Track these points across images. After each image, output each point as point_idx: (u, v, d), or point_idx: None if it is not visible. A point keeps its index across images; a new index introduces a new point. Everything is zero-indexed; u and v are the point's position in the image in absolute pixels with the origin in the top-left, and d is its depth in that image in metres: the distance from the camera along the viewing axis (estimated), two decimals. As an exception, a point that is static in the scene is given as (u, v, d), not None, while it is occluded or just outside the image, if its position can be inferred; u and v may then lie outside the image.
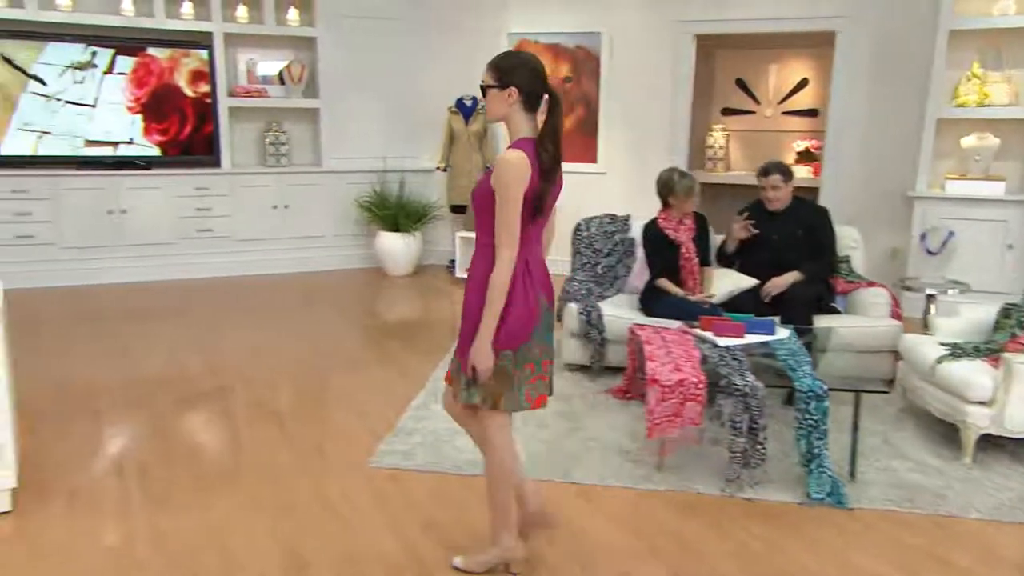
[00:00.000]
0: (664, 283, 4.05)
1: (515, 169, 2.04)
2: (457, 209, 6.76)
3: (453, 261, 6.90)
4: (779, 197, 4.11)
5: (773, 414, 3.47)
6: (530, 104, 2.14)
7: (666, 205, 4.10)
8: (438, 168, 6.79)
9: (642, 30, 6.29)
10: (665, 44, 6.26)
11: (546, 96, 2.15)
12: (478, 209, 2.15)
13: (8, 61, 5.70)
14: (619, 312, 4.12)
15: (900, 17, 5.67)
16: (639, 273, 4.41)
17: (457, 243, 6.53)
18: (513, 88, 2.12)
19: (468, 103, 6.62)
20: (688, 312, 3.83)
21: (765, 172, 4.11)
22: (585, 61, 6.46)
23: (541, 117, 2.16)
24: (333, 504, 2.81)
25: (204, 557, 2.48)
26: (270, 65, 6.68)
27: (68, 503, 2.80)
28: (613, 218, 4.64)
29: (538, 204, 2.12)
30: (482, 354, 2.12)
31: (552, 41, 6.52)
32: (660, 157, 6.42)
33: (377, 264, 6.87)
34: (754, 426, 2.88)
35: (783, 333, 3.43)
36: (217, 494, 2.88)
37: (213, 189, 6.33)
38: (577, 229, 4.63)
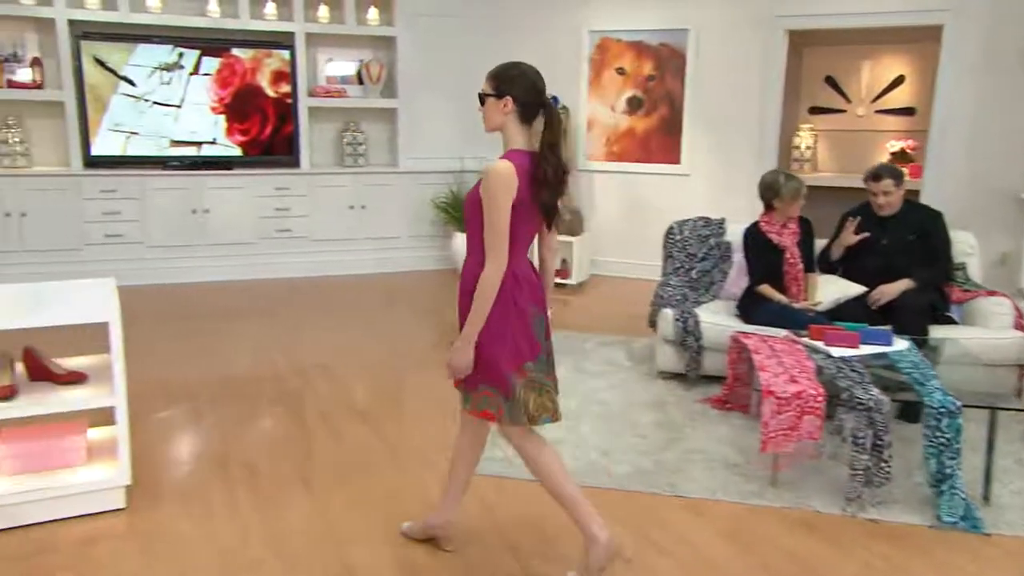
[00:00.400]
0: (766, 289, 3.98)
1: (502, 179, 2.10)
2: None
3: None
4: (890, 202, 3.99)
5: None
6: (526, 116, 2.22)
7: (770, 208, 4.02)
8: None
9: (731, 26, 6.20)
10: (755, 40, 6.15)
11: (543, 109, 2.22)
12: (467, 217, 2.23)
13: (100, 63, 5.93)
14: (716, 319, 4.06)
15: (1011, 7, 5.45)
16: (736, 279, 4.34)
17: (533, 245, 6.51)
18: (509, 98, 2.19)
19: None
20: (792, 320, 3.75)
21: (875, 177, 4.00)
22: (669, 59, 6.40)
23: (538, 129, 2.21)
24: (439, 510, 2.84)
25: (320, 557, 2.53)
26: (348, 65, 6.80)
27: (180, 501, 2.90)
28: (707, 221, 4.58)
29: (533, 215, 2.19)
30: (460, 354, 2.19)
31: (635, 39, 6.48)
32: (747, 158, 6.32)
33: (452, 265, 6.93)
34: (878, 443, 2.79)
35: (902, 344, 3.33)
36: (326, 493, 2.94)
37: (292, 189, 6.47)
38: (669, 232, 4.58)
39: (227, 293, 6.06)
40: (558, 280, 6.43)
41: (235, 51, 6.30)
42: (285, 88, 6.48)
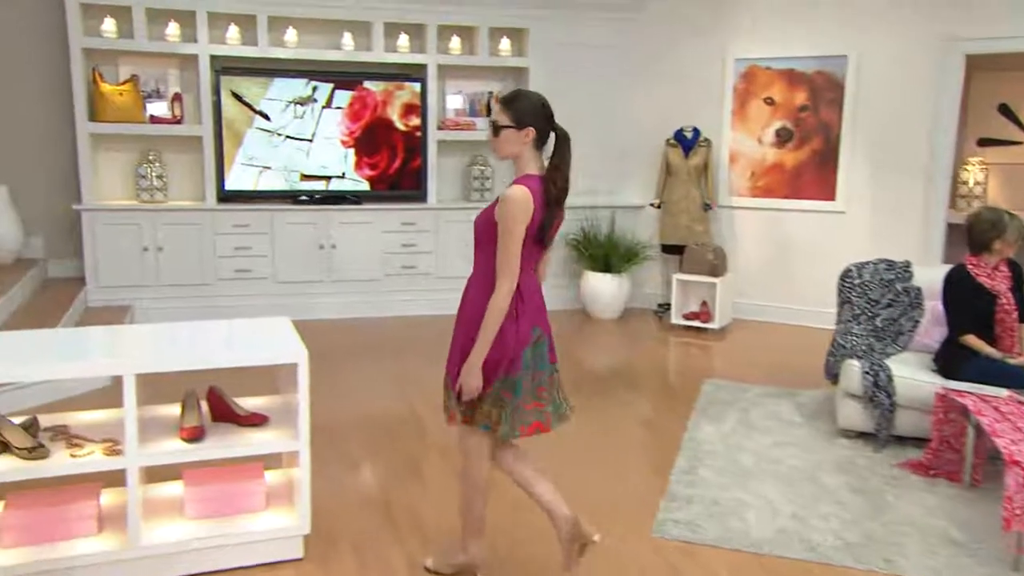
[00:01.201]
0: (974, 341, 3.73)
1: (519, 205, 2.32)
2: (671, 249, 6.67)
3: (663, 305, 6.82)
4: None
5: None
6: (540, 142, 2.45)
7: (984, 250, 3.78)
8: (651, 204, 6.75)
9: (898, 51, 6.00)
10: (925, 66, 5.93)
11: (554, 134, 2.44)
12: (477, 236, 2.44)
13: (238, 97, 6.22)
14: (911, 373, 3.85)
15: None
16: (930, 328, 4.11)
17: (674, 286, 6.42)
18: (531, 128, 2.41)
19: (688, 135, 6.56)
20: (1009, 377, 3.50)
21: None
22: (824, 88, 6.24)
23: (547, 153, 2.44)
24: (633, 578, 2.74)
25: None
26: (477, 96, 6.92)
27: (354, 553, 2.89)
28: (890, 264, 4.38)
29: (541, 235, 2.40)
30: (471, 375, 2.38)
31: (786, 67, 6.37)
32: (913, 195, 6.07)
33: (580, 305, 6.90)
34: None
35: None
36: (494, 542, 2.88)
37: (419, 224, 6.57)
38: (846, 275, 4.40)
39: (353, 330, 6.16)
40: (698, 324, 6.32)
41: (367, 84, 6.50)
42: (414, 121, 6.63)
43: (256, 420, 2.85)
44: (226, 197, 6.29)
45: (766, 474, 3.61)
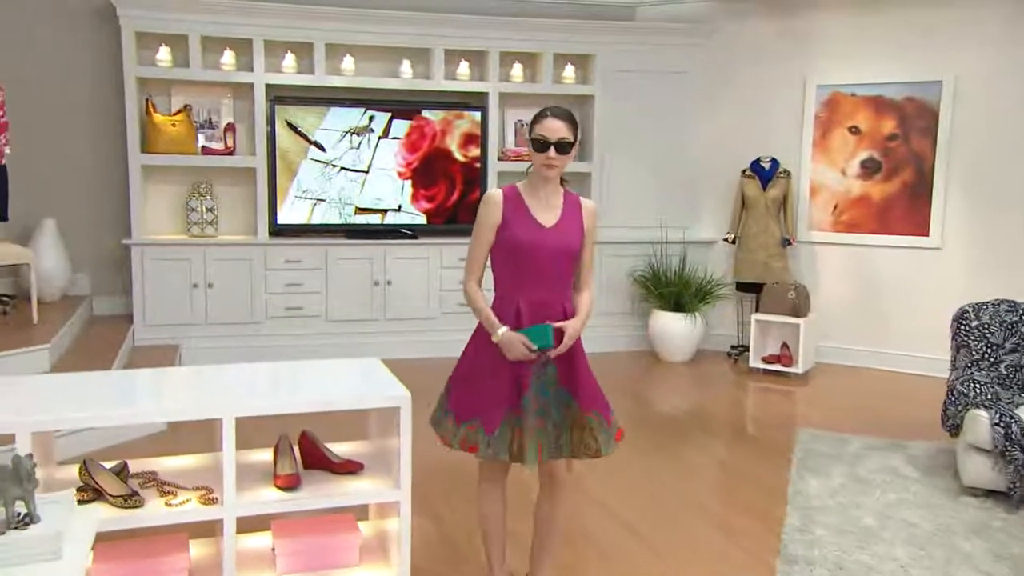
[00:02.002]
0: (1119, 389, 3.58)
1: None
2: (747, 287, 6.58)
3: (737, 347, 6.70)
4: None
5: None
6: None
7: None
8: (726, 239, 6.68)
9: (1001, 75, 5.89)
10: (1031, 90, 5.83)
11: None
12: (567, 250, 2.65)
13: (293, 128, 6.28)
14: (1047, 424, 3.69)
15: None
16: (1062, 375, 3.96)
17: (752, 327, 6.30)
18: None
19: (766, 166, 6.50)
20: None
21: None
22: (916, 116, 6.17)
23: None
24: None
25: None
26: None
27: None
28: (1012, 305, 4.24)
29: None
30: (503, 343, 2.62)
31: (873, 93, 6.31)
32: (1017, 229, 5.92)
33: (648, 347, 6.82)
34: None
35: None
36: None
37: None
38: (962, 317, 4.27)
39: (409, 371, 6.05)
40: (779, 367, 6.20)
41: (425, 113, 6.54)
42: (474, 151, 6.64)
43: (351, 467, 2.79)
44: (278, 231, 6.32)
45: (894, 536, 3.46)
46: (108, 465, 2.57)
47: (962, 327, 4.26)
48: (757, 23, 6.68)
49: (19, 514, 1.68)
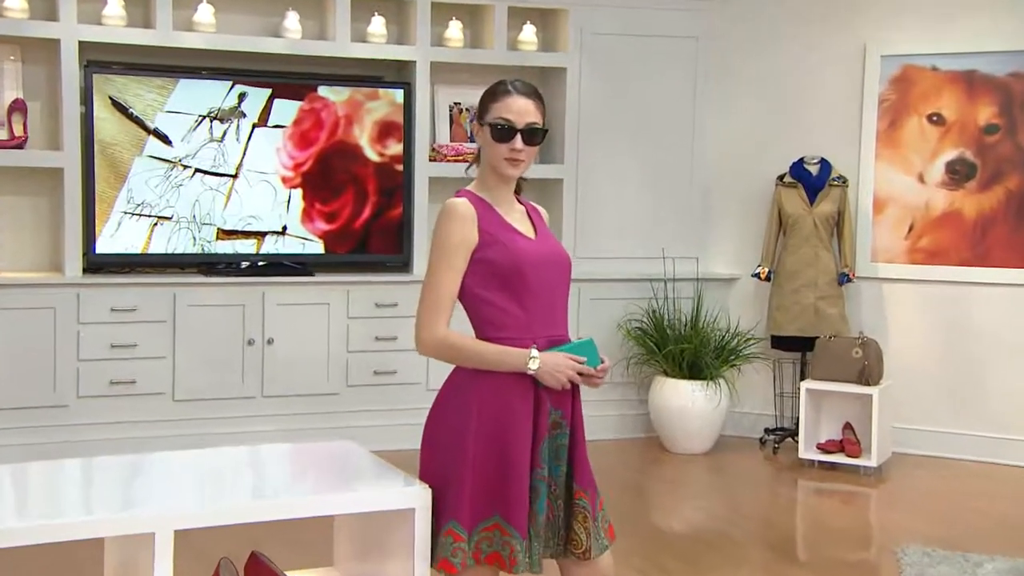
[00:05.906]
0: None
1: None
2: (788, 343, 6.24)
3: (775, 431, 6.34)
4: None
5: None
6: None
7: None
8: (756, 275, 6.33)
9: None
10: None
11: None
12: (564, 280, 2.70)
13: (121, 108, 5.71)
14: None
15: None
16: None
17: (802, 402, 5.89)
18: None
19: (813, 170, 6.22)
20: None
21: None
22: (1024, 98, 6.02)
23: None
24: None
25: None
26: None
27: None
28: None
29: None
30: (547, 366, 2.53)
31: (961, 67, 6.07)
32: None
33: (649, 431, 6.46)
34: None
35: None
36: None
37: (402, 306, 5.98)
38: None
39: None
40: (843, 459, 5.93)
41: (322, 91, 6.13)
42: (394, 148, 6.27)
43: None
44: (98, 265, 5.78)
45: None
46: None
47: None
48: (795, -30, 6.51)
49: None
